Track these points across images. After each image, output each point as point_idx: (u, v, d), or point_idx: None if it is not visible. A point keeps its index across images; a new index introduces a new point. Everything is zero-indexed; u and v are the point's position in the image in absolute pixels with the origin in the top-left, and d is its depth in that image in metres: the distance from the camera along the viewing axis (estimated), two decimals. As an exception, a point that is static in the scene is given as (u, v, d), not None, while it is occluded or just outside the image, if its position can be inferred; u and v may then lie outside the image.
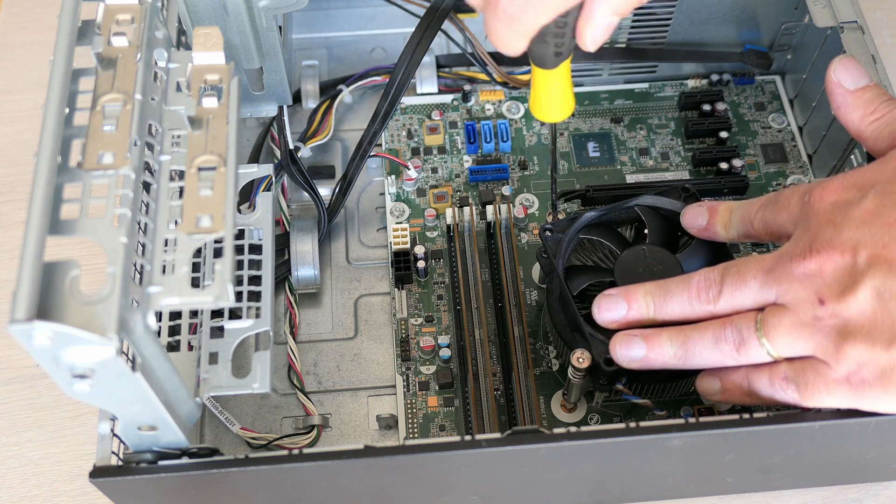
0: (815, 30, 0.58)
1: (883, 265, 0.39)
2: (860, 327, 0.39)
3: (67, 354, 0.33)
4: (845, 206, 0.41)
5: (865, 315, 0.39)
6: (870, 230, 0.40)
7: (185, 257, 0.35)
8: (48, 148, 0.35)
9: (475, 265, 0.55)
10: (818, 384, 0.41)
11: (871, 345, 0.39)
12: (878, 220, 0.40)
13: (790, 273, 0.41)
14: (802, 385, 0.42)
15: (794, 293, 0.41)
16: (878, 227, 0.40)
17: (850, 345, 0.40)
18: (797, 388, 0.42)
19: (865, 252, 0.40)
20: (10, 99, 0.67)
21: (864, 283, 0.39)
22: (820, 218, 0.42)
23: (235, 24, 0.52)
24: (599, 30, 0.42)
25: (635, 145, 0.62)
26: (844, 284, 0.40)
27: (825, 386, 0.41)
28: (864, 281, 0.39)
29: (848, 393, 0.41)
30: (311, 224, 0.56)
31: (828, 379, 0.41)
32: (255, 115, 0.60)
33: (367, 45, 0.68)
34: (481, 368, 0.52)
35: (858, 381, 0.40)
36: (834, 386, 0.41)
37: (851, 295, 0.39)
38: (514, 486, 0.47)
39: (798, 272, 0.41)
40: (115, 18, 0.39)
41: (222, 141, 0.38)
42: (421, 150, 0.61)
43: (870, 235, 0.40)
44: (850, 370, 0.40)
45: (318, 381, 0.54)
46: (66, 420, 0.54)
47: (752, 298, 0.43)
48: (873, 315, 0.39)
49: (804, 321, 0.41)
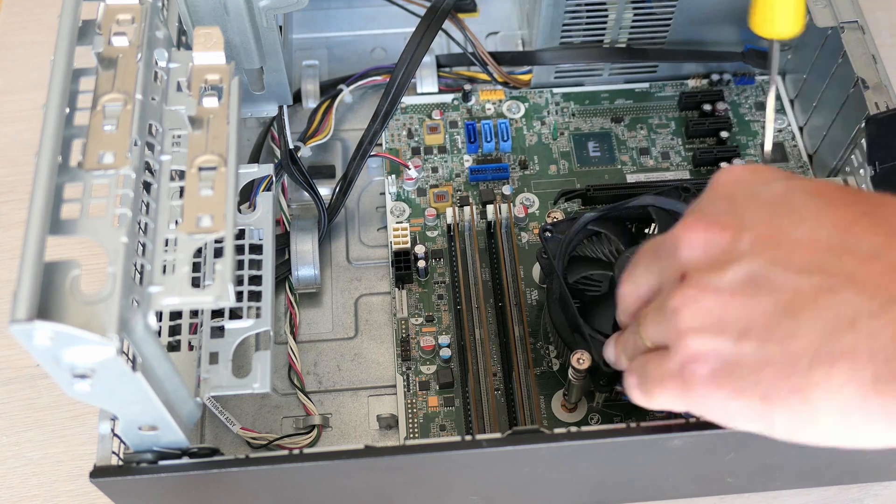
0: (815, 30, 0.58)
1: (768, 249, 0.35)
2: (711, 312, 0.35)
3: (68, 354, 0.33)
4: (749, 185, 0.37)
5: (721, 299, 0.35)
6: (769, 211, 0.36)
7: (185, 257, 0.35)
8: (48, 148, 0.35)
9: (475, 265, 0.55)
10: (655, 376, 0.37)
11: (718, 334, 0.35)
12: (784, 203, 0.36)
13: (669, 245, 0.37)
14: (643, 378, 0.38)
15: (667, 270, 0.37)
16: (780, 210, 0.35)
17: (694, 331, 0.35)
18: (639, 383, 0.38)
19: (753, 232, 0.35)
20: (10, 99, 0.67)
21: (739, 263, 0.35)
22: (715, 191, 0.38)
23: (236, 24, 0.52)
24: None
25: (636, 145, 0.62)
26: (714, 260, 0.35)
27: (660, 378, 0.37)
28: (739, 261, 0.35)
29: (679, 387, 0.36)
30: (311, 224, 0.56)
31: (664, 370, 0.37)
32: (256, 114, 0.60)
33: (368, 45, 0.68)
34: (482, 368, 0.52)
35: (690, 374, 0.36)
36: (668, 379, 0.36)
37: (718, 273, 0.35)
38: (515, 486, 0.47)
39: (670, 243, 0.37)
40: (115, 18, 0.39)
41: (223, 141, 0.38)
42: (421, 150, 0.61)
43: (767, 217, 0.35)
44: (685, 361, 0.36)
45: (319, 380, 0.54)
46: (66, 420, 0.54)
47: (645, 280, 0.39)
48: (732, 300, 0.35)
49: (662, 301, 0.37)
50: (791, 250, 0.34)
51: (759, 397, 0.34)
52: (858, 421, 0.33)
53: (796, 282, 0.34)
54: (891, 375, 0.32)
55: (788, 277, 0.34)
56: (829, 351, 0.33)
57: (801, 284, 0.34)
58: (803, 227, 0.35)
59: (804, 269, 0.34)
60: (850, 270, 0.34)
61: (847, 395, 0.33)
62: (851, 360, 0.33)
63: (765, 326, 0.34)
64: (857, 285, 0.33)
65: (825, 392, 0.33)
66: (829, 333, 0.33)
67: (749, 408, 0.35)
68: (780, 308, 0.34)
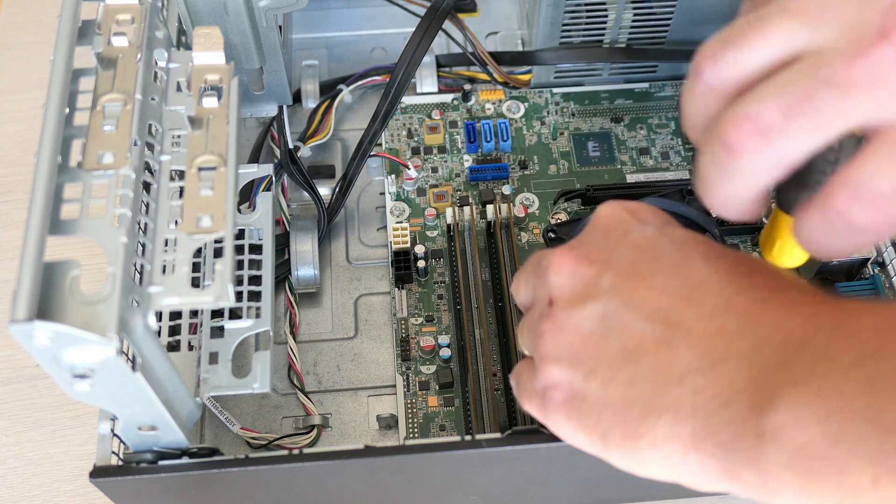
0: (815, 29, 0.58)
1: (625, 291, 0.36)
2: (570, 345, 0.37)
3: (68, 354, 0.33)
4: (625, 226, 0.38)
5: (581, 334, 0.36)
6: (635, 254, 0.37)
7: (185, 257, 0.35)
8: (48, 148, 0.35)
9: (475, 265, 0.55)
10: (526, 388, 0.39)
11: (573, 368, 0.36)
12: (649, 249, 0.37)
13: (544, 266, 0.39)
14: (519, 384, 0.40)
15: (540, 289, 0.39)
16: (644, 255, 0.37)
17: (554, 360, 0.37)
18: (516, 387, 0.40)
19: (615, 272, 0.37)
20: (10, 99, 0.67)
21: (597, 300, 0.36)
22: (595, 226, 0.39)
23: (235, 24, 0.52)
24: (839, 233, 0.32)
25: (635, 145, 0.62)
26: (577, 293, 0.37)
27: (529, 392, 0.39)
28: (598, 298, 0.36)
29: (540, 407, 0.38)
30: (311, 224, 0.56)
31: (531, 386, 0.39)
32: (256, 114, 0.60)
33: (367, 45, 0.68)
34: (481, 368, 0.52)
35: (549, 399, 0.38)
36: (534, 395, 0.38)
37: (579, 307, 0.37)
38: (514, 486, 0.47)
39: (544, 264, 0.39)
40: (115, 18, 0.39)
41: (222, 141, 0.38)
42: (421, 150, 0.61)
43: (631, 259, 0.37)
44: (545, 385, 0.38)
45: (318, 380, 0.54)
46: (66, 420, 0.54)
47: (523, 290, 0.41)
48: (589, 337, 0.36)
49: (533, 319, 0.39)
50: (644, 296, 0.36)
51: (599, 436, 0.36)
52: (682, 473, 0.35)
53: (642, 328, 0.35)
54: (707, 432, 0.33)
55: (636, 323, 0.35)
56: (658, 403, 0.34)
57: (645, 332, 0.35)
58: (661, 275, 0.36)
59: (651, 316, 0.35)
60: (689, 325, 0.35)
61: (669, 449, 0.34)
62: (674, 415, 0.34)
63: (609, 368, 0.36)
64: (692, 341, 0.34)
65: (650, 444, 0.35)
66: (660, 385, 0.34)
67: (591, 442, 0.37)
68: (625, 353, 0.35)
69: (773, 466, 0.32)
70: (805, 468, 0.31)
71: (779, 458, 0.31)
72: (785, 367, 0.32)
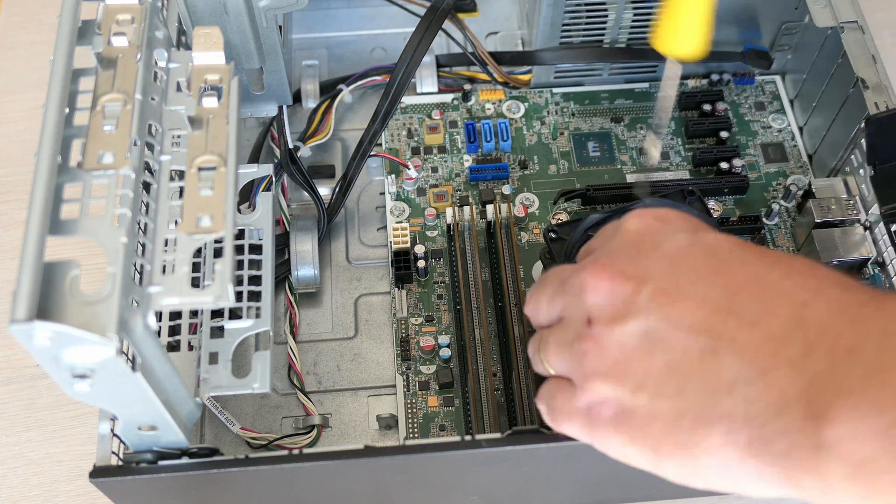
0: (815, 30, 0.58)
1: (664, 305, 0.36)
2: (615, 362, 0.36)
3: (68, 354, 0.33)
4: (656, 236, 0.38)
5: (625, 351, 0.36)
6: (670, 266, 0.37)
7: (185, 257, 0.35)
8: (48, 148, 0.35)
9: (475, 265, 0.55)
10: (564, 409, 0.39)
11: (620, 383, 0.36)
12: (684, 259, 0.37)
13: (572, 285, 0.39)
14: (552, 408, 0.40)
15: (570, 307, 0.39)
16: (680, 266, 0.37)
17: (600, 377, 0.37)
18: (548, 410, 0.40)
19: (653, 286, 0.36)
20: (10, 99, 0.67)
21: (638, 317, 0.36)
22: (624, 238, 0.39)
23: (235, 24, 0.52)
24: None
25: (635, 145, 0.62)
26: (617, 311, 0.37)
27: (568, 414, 0.39)
28: (638, 315, 0.36)
29: (584, 426, 0.38)
30: (311, 224, 0.56)
31: (572, 407, 0.38)
32: (256, 114, 0.60)
33: (367, 45, 0.68)
34: (481, 368, 0.52)
35: (595, 416, 0.37)
36: (575, 415, 0.38)
37: (620, 325, 0.36)
38: (514, 486, 0.47)
39: (576, 283, 0.38)
40: (115, 18, 0.39)
41: (222, 141, 0.38)
42: (421, 150, 0.61)
43: (667, 272, 0.37)
44: (591, 402, 0.37)
45: (318, 380, 0.54)
46: (66, 420, 0.54)
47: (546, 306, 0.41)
48: (633, 352, 0.36)
49: (568, 339, 0.38)
50: (684, 308, 0.36)
51: (651, 448, 0.36)
52: (739, 478, 0.35)
53: (685, 341, 0.35)
54: (763, 441, 0.33)
55: (679, 336, 0.35)
56: (709, 413, 0.34)
57: (689, 345, 0.35)
58: (698, 285, 0.36)
59: (693, 328, 0.35)
60: (732, 334, 0.35)
61: (725, 456, 0.34)
62: (728, 424, 0.34)
63: (657, 382, 0.36)
64: (737, 350, 0.34)
65: (705, 451, 0.35)
66: (710, 395, 0.34)
67: (642, 455, 0.37)
68: (671, 366, 0.35)
69: (835, 477, 0.32)
70: (868, 480, 0.31)
71: (840, 470, 0.31)
72: (836, 376, 0.32)
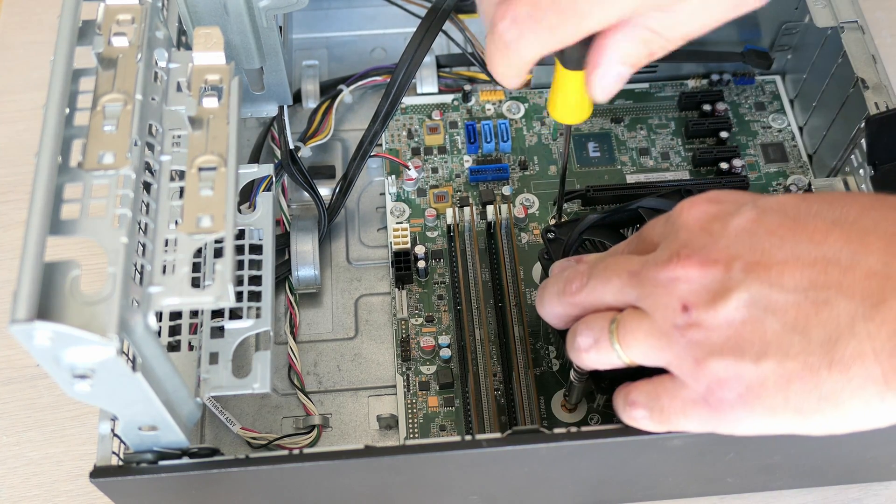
0: (815, 30, 0.58)
1: (761, 273, 0.36)
2: (727, 339, 0.36)
3: (68, 354, 0.33)
4: (721, 217, 0.39)
5: (734, 326, 0.36)
6: (750, 239, 0.37)
7: (185, 257, 0.35)
8: (48, 148, 0.35)
9: (475, 265, 0.55)
10: (674, 407, 0.39)
11: (739, 358, 0.36)
12: (760, 228, 0.37)
13: (654, 278, 0.39)
14: (657, 410, 0.39)
15: (656, 299, 0.38)
16: (759, 236, 0.37)
17: (715, 359, 0.37)
18: (650, 414, 0.40)
19: (743, 261, 0.37)
20: (10, 99, 0.67)
21: (738, 291, 0.36)
22: (690, 227, 0.39)
23: (236, 24, 0.52)
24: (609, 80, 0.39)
25: (635, 145, 0.62)
26: (714, 292, 0.37)
27: (682, 408, 0.38)
28: (738, 289, 0.36)
29: (707, 414, 0.38)
30: (311, 224, 0.56)
31: (685, 400, 0.38)
32: (256, 115, 0.60)
33: (368, 45, 0.68)
34: (482, 368, 0.52)
35: (718, 400, 0.37)
36: (691, 407, 0.38)
37: (722, 303, 0.36)
38: (515, 486, 0.47)
39: (662, 277, 0.38)
40: (115, 18, 0.39)
41: (223, 141, 0.38)
42: (421, 150, 0.61)
43: (749, 244, 0.37)
44: (709, 388, 0.37)
45: (319, 381, 0.54)
46: (66, 420, 0.54)
47: (614, 297, 0.40)
48: (743, 327, 0.36)
49: (662, 329, 0.38)
50: (781, 272, 0.36)
51: (793, 411, 0.37)
52: (883, 414, 0.36)
53: (794, 300, 0.36)
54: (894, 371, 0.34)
55: (786, 297, 0.36)
56: (841, 358, 0.35)
57: (799, 302, 0.36)
58: (785, 247, 0.37)
59: (797, 287, 0.36)
60: (837, 280, 0.36)
61: (866, 396, 0.35)
62: (861, 362, 0.35)
63: (778, 346, 0.36)
64: (846, 293, 0.35)
65: (848, 397, 0.35)
66: (836, 341, 0.35)
67: (784, 421, 0.37)
68: (788, 326, 0.36)
69: None
70: None
71: None
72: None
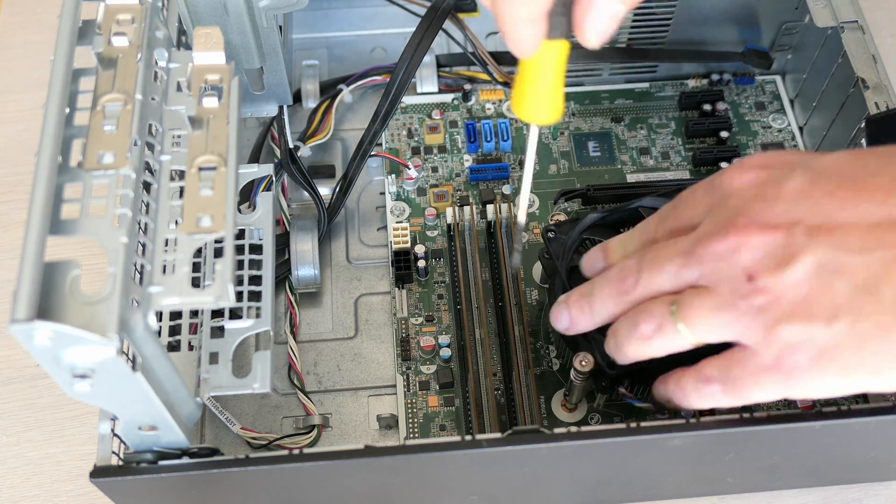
0: (815, 30, 0.58)
1: (825, 236, 0.36)
2: (797, 304, 0.36)
3: (68, 354, 0.33)
4: (773, 181, 0.38)
5: (803, 290, 0.36)
6: (808, 201, 0.37)
7: (185, 257, 0.35)
8: (48, 148, 0.35)
9: (475, 264, 0.55)
10: (747, 375, 0.38)
11: (810, 322, 0.36)
12: (817, 190, 0.37)
13: (712, 252, 0.38)
14: (730, 382, 0.39)
15: (718, 272, 0.38)
16: (817, 198, 0.37)
17: (785, 324, 0.36)
18: (724, 388, 0.39)
19: (804, 224, 0.36)
20: (10, 99, 0.67)
21: (804, 255, 0.36)
22: (742, 195, 0.38)
23: (236, 24, 0.52)
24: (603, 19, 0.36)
25: (636, 145, 0.62)
26: (779, 258, 0.36)
27: (754, 377, 0.38)
28: (803, 254, 0.36)
29: (778, 380, 0.37)
30: (311, 223, 0.56)
31: (756, 368, 0.38)
32: (256, 114, 0.60)
33: (368, 45, 0.68)
34: (482, 368, 0.52)
35: (790, 366, 0.37)
36: (763, 374, 0.38)
37: (789, 268, 0.36)
38: (515, 486, 0.47)
39: (721, 249, 0.37)
40: (115, 18, 0.39)
41: (223, 141, 0.38)
42: (421, 150, 0.61)
43: (808, 207, 0.37)
44: (780, 354, 0.37)
45: (319, 380, 0.54)
46: (66, 420, 0.54)
47: (671, 283, 0.40)
48: (811, 290, 0.36)
49: (728, 302, 0.37)
50: (845, 233, 0.36)
51: (869, 371, 0.36)
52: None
53: (862, 260, 0.36)
54: None
55: (853, 258, 0.36)
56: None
57: (868, 262, 0.36)
58: (846, 208, 0.36)
59: (864, 248, 0.36)
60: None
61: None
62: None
63: (851, 307, 0.36)
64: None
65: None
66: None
67: (859, 381, 0.37)
68: (858, 287, 0.36)
69: None
70: None
71: None
72: None
